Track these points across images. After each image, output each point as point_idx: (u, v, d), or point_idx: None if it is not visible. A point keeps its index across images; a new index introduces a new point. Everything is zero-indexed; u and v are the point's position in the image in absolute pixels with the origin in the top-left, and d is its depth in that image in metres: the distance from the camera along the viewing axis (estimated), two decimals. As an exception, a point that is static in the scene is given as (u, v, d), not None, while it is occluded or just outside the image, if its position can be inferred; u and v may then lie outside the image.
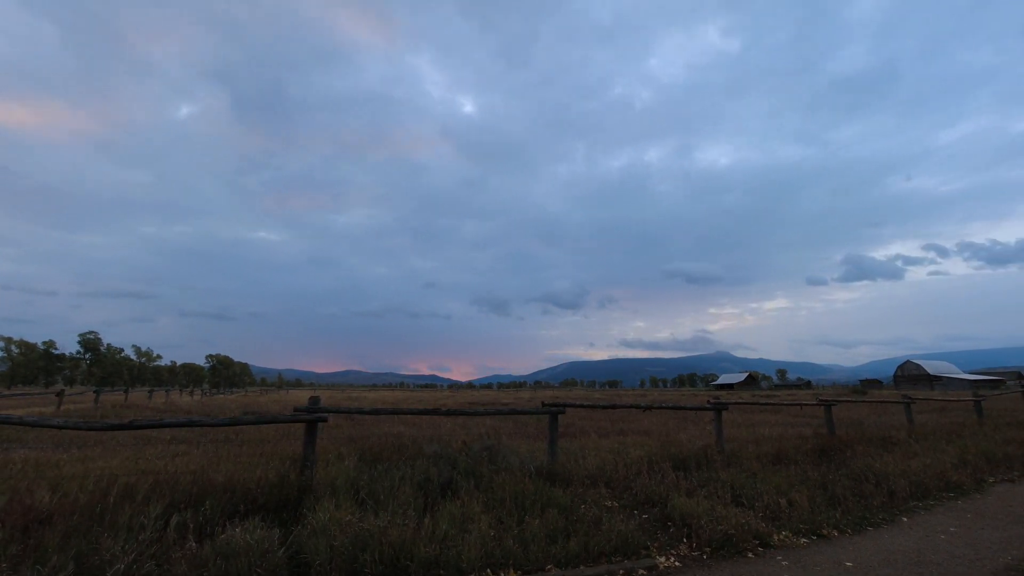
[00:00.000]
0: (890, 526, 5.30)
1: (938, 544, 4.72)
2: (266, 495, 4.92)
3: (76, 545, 3.56)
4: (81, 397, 27.08)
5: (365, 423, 14.13)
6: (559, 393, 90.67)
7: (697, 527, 4.70)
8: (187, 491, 4.70)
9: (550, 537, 4.32)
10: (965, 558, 4.36)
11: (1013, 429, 12.00)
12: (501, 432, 11.16)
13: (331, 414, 6.42)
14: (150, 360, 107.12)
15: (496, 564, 3.89)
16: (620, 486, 6.16)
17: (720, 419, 8.52)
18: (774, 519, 5.21)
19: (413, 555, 3.78)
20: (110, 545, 3.52)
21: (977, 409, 14.39)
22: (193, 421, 5.27)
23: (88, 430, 4.84)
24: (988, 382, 77.61)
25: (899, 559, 4.32)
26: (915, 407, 13.92)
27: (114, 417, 14.59)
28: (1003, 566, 4.17)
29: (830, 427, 10.40)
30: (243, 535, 3.74)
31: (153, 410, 19.35)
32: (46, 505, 4.16)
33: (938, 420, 14.23)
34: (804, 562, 4.23)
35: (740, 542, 4.52)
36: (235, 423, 5.49)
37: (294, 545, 3.91)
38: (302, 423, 5.70)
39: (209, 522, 4.20)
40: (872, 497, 6.15)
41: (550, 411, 7.15)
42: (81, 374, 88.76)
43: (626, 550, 4.31)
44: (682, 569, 4.08)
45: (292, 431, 10.70)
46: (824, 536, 4.91)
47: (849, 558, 4.33)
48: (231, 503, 4.62)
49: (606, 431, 12.87)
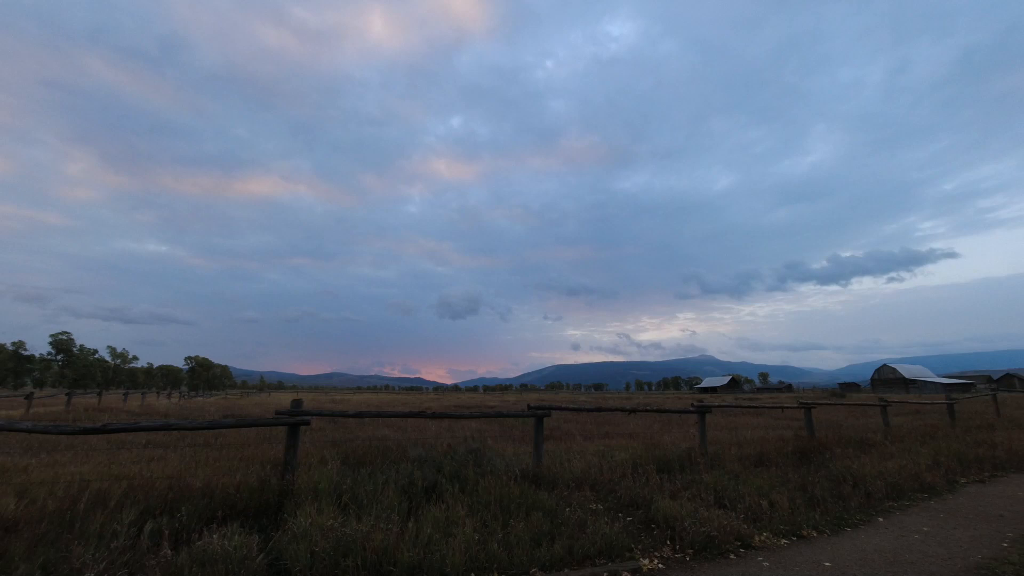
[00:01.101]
0: (867, 526, 5.42)
1: (912, 544, 4.84)
2: (246, 500, 4.81)
3: (43, 553, 3.44)
4: (52, 400, 26.18)
5: (349, 426, 13.94)
6: (545, 396, 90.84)
7: (680, 529, 4.74)
8: (163, 497, 4.58)
9: (535, 540, 4.31)
10: (938, 557, 4.48)
11: (983, 431, 12.40)
12: (487, 435, 11.12)
13: (314, 417, 6.32)
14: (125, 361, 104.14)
15: (480, 568, 3.87)
16: (605, 489, 6.19)
17: (704, 422, 8.62)
18: (756, 520, 5.28)
19: (396, 560, 3.73)
20: (80, 553, 3.39)
21: (950, 412, 14.84)
22: (170, 425, 5.12)
23: (59, 434, 4.68)
24: (960, 386, 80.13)
25: (875, 559, 4.42)
26: (891, 410, 14.29)
27: (87, 420, 14.13)
28: (974, 564, 4.30)
29: (810, 429, 10.61)
30: (221, 542, 3.65)
31: (128, 413, 18.77)
32: (12, 512, 4.00)
33: (913, 422, 14.62)
34: (784, 563, 4.29)
35: (722, 543, 4.58)
36: (214, 427, 5.36)
37: (274, 551, 3.82)
38: (284, 426, 5.59)
39: (186, 529, 4.09)
40: (850, 498, 6.29)
41: (536, 414, 7.14)
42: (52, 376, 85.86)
43: (610, 552, 4.32)
44: (665, 571, 4.11)
45: (274, 435, 10.50)
46: (804, 537, 5.00)
47: (827, 558, 4.41)
48: (209, 509, 4.51)
49: (591, 434, 12.91)
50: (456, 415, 7.44)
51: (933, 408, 20.14)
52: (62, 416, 15.94)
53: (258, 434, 10.82)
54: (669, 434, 12.03)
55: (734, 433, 12.01)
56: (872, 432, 11.37)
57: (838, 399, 38.77)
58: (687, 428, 13.75)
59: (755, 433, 11.88)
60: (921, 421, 15.08)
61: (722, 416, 19.19)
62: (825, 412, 19.09)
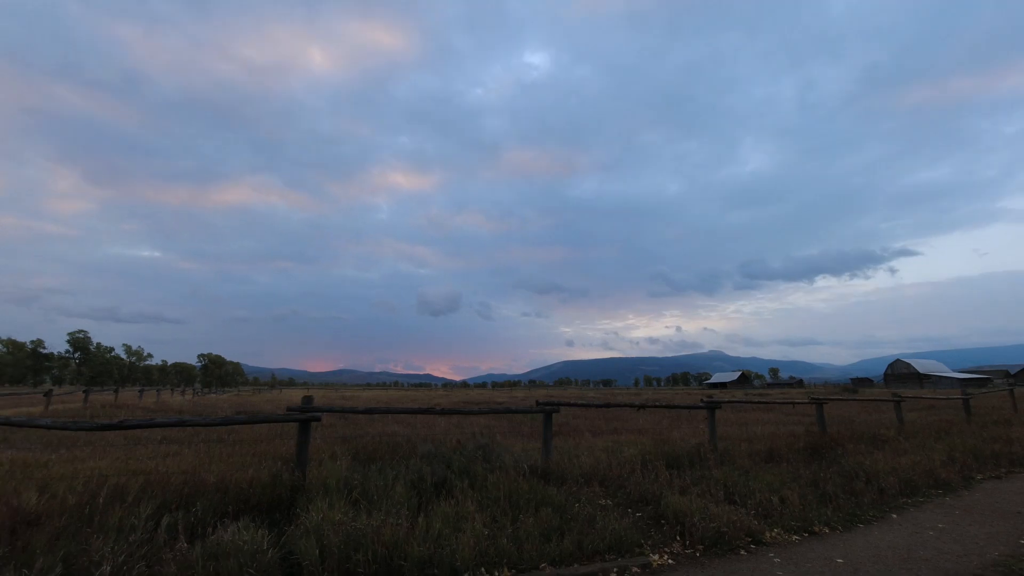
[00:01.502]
0: (880, 523, 5.36)
1: (927, 540, 4.78)
2: (258, 495, 4.88)
3: (64, 546, 3.52)
4: (70, 397, 26.74)
5: (359, 422, 14.07)
6: (553, 392, 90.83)
7: (690, 525, 4.73)
8: (178, 491, 4.66)
9: (544, 536, 4.32)
10: (953, 554, 4.42)
11: (1000, 427, 12.19)
12: (496, 431, 11.17)
13: (325, 413, 6.38)
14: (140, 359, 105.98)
15: (490, 563, 3.89)
16: (614, 484, 6.18)
17: (713, 417, 8.57)
18: (766, 516, 5.25)
19: (407, 554, 3.76)
20: (99, 546, 3.47)
21: (965, 407, 14.59)
22: (184, 421, 5.22)
23: (77, 430, 4.78)
24: (976, 380, 78.75)
25: (889, 555, 4.37)
26: (905, 405, 14.10)
27: (104, 417, 14.43)
28: (990, 561, 4.23)
29: (821, 425, 10.50)
30: (234, 536, 3.71)
31: (144, 410, 19.13)
32: (33, 506, 4.10)
33: (927, 418, 14.41)
34: (796, 559, 4.26)
35: (733, 539, 4.55)
36: (227, 423, 5.44)
37: (286, 545, 3.88)
38: (295, 423, 5.66)
39: (200, 523, 4.16)
40: (862, 494, 6.22)
41: (544, 410, 7.15)
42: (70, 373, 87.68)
43: (620, 548, 4.32)
44: (675, 567, 4.10)
45: (285, 431, 10.63)
46: (815, 533, 4.96)
47: (840, 555, 4.37)
48: (223, 503, 4.58)
49: (600, 430, 12.91)
50: (465, 411, 7.48)
51: (948, 403, 19.83)
52: (80, 413, 16.30)
53: (270, 430, 10.96)
54: (678, 430, 11.97)
55: (744, 429, 11.93)
56: (885, 428, 11.22)
57: (850, 394, 38.31)
58: (696, 424, 13.68)
59: (765, 429, 11.79)
60: (936, 417, 14.85)
61: (732, 412, 19.06)
62: (837, 408, 18.88)
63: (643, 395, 49.80)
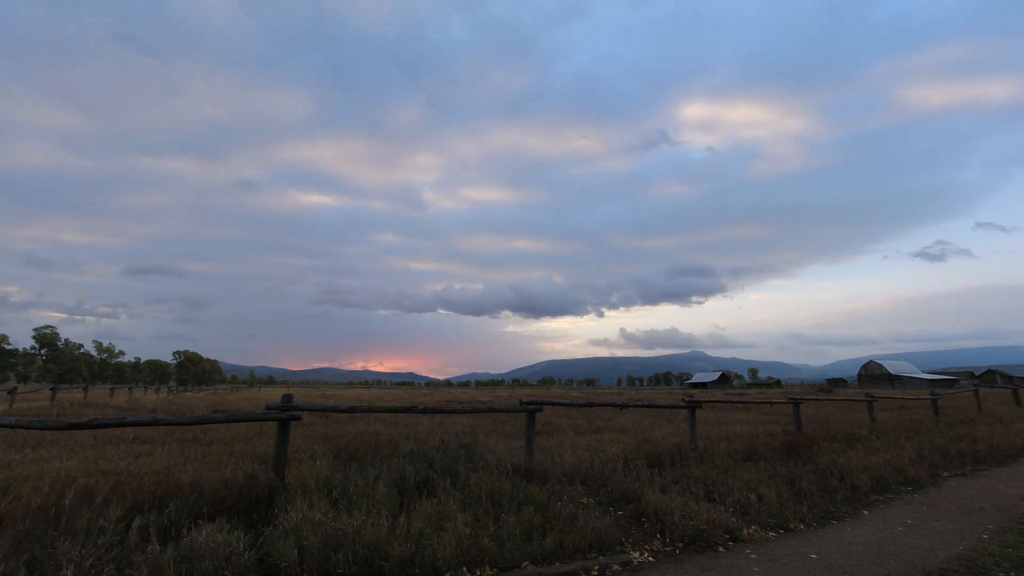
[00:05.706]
0: (852, 519, 5.53)
1: (896, 536, 4.95)
2: (235, 496, 4.77)
3: (29, 550, 3.38)
4: (36, 395, 25.77)
5: (340, 421, 13.88)
6: (537, 391, 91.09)
7: (670, 522, 4.80)
8: (151, 493, 4.52)
9: (526, 534, 4.33)
10: (920, 549, 4.58)
11: (965, 426, 12.67)
12: (479, 430, 11.14)
13: (305, 412, 6.28)
14: (112, 356, 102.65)
15: (472, 562, 3.88)
16: (596, 483, 6.23)
17: (694, 417, 8.70)
18: (744, 514, 5.36)
19: (387, 554, 3.73)
20: (66, 549, 3.35)
21: (933, 407, 15.12)
22: (158, 420, 5.06)
23: (43, 429, 4.60)
24: (943, 382, 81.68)
25: (860, 550, 4.51)
26: (877, 405, 14.53)
27: (72, 415, 13.92)
28: (955, 555, 4.40)
29: (798, 424, 10.75)
30: (208, 537, 3.62)
31: (115, 408, 18.52)
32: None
33: (898, 417, 14.87)
34: (772, 555, 4.36)
35: (711, 536, 4.64)
36: (204, 422, 5.31)
37: (264, 547, 3.80)
38: (274, 422, 5.55)
39: (174, 524, 4.05)
40: (836, 492, 6.40)
41: (528, 409, 7.16)
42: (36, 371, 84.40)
43: (601, 546, 4.36)
44: (655, 564, 4.15)
45: (264, 430, 10.42)
46: (791, 529, 5.09)
47: (814, 550, 4.49)
48: (198, 504, 4.46)
49: (583, 429, 12.99)
50: (448, 410, 7.44)
51: (918, 403, 20.52)
52: (47, 411, 15.70)
53: (248, 429, 10.73)
54: (660, 429, 12.13)
55: (724, 428, 12.14)
56: (858, 427, 11.56)
57: (826, 394, 39.36)
58: (678, 423, 13.88)
59: (744, 428, 12.01)
60: (906, 416, 15.35)
61: (712, 411, 19.39)
62: (813, 407, 19.36)
63: (625, 395, 50.30)
